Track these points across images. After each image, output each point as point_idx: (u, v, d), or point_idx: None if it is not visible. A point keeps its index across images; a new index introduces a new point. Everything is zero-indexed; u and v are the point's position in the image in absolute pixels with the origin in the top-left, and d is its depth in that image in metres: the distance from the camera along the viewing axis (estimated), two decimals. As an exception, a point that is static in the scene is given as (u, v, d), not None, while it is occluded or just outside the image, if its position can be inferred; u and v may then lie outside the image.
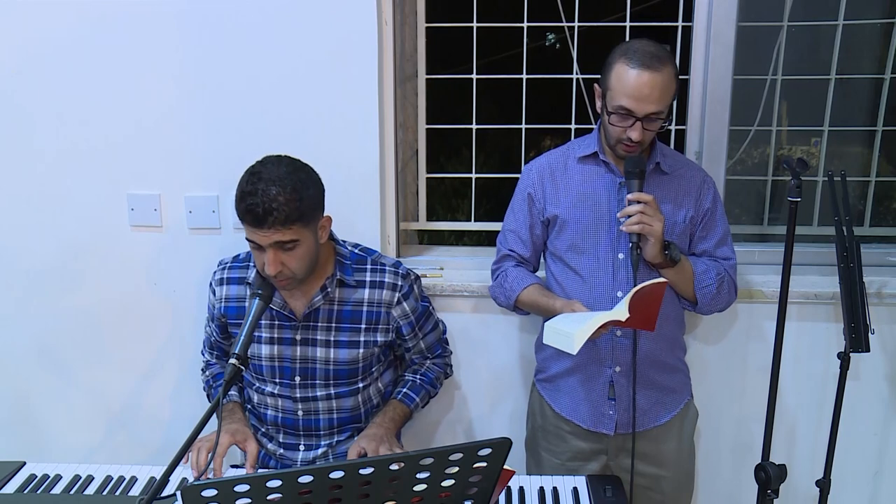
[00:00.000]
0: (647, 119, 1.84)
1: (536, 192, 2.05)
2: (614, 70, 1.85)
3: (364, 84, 2.23)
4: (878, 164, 2.49)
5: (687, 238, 2.03)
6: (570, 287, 2.02)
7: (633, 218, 1.85)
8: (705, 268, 2.01)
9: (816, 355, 2.36)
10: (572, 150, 2.06)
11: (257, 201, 1.74)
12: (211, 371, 2.19)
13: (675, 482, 2.13)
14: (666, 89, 1.83)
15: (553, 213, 2.03)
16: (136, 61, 2.24)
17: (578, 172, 2.02)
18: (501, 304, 2.17)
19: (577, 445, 2.09)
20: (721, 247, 2.05)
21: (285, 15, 2.19)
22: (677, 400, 2.11)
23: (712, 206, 2.03)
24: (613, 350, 1.99)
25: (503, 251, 2.15)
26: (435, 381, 2.16)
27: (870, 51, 2.49)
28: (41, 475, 1.85)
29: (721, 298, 2.03)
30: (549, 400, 2.15)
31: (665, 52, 1.86)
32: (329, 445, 2.05)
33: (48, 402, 2.53)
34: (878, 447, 2.46)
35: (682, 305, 2.07)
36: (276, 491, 1.25)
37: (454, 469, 1.33)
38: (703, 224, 2.03)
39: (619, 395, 2.01)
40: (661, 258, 1.90)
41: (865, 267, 2.07)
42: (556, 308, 1.96)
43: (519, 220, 2.10)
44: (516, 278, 2.09)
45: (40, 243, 2.39)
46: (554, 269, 2.08)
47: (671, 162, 2.01)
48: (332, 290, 1.97)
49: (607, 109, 1.88)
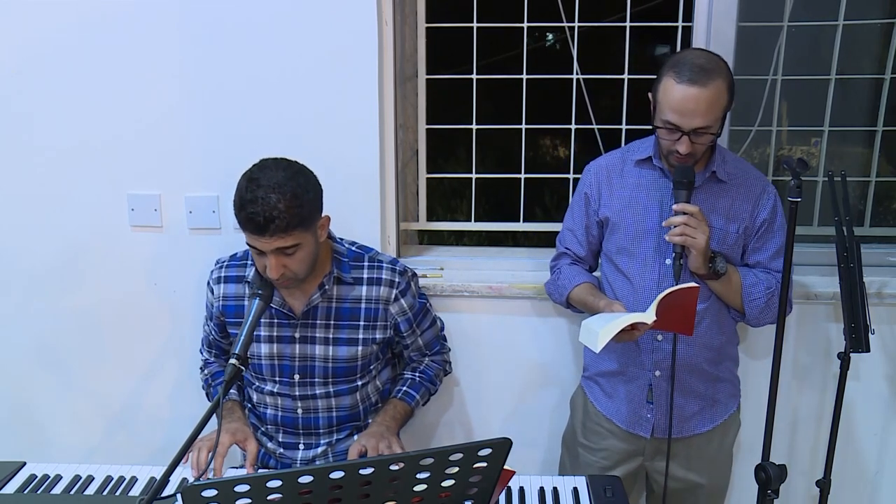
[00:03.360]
0: (694, 133, 1.81)
1: (592, 192, 2.05)
2: (662, 83, 1.83)
3: (364, 84, 2.23)
4: (878, 164, 2.48)
5: (740, 248, 1.98)
6: (618, 289, 2.02)
7: (676, 229, 1.84)
8: (755, 280, 1.96)
9: (816, 355, 2.36)
10: (631, 153, 2.04)
11: (258, 210, 1.73)
12: (209, 370, 2.19)
13: (710, 490, 2.14)
14: (714, 104, 1.79)
15: (605, 214, 2.03)
16: (136, 61, 2.24)
17: (634, 176, 2.01)
18: (555, 300, 2.18)
19: (615, 445, 2.11)
20: (776, 259, 1.98)
21: (285, 15, 2.19)
22: (721, 410, 2.09)
23: (770, 218, 1.97)
24: (654, 354, 1.99)
25: (560, 249, 2.17)
26: (434, 378, 2.16)
27: (870, 51, 2.49)
28: (41, 475, 1.85)
29: (770, 312, 1.97)
30: (591, 397, 2.16)
31: (716, 63, 1.81)
32: (328, 444, 2.05)
33: (48, 402, 2.53)
34: (878, 447, 2.46)
35: (731, 316, 2.04)
36: (277, 491, 1.25)
37: (454, 469, 1.33)
38: (759, 235, 1.97)
39: (657, 399, 2.01)
40: (704, 269, 1.88)
41: (865, 267, 2.06)
42: (599, 308, 1.96)
43: (576, 220, 2.11)
44: (568, 276, 2.11)
45: (40, 243, 2.39)
46: (606, 270, 2.08)
47: (731, 169, 1.96)
48: (330, 288, 1.97)
49: (656, 122, 1.87)
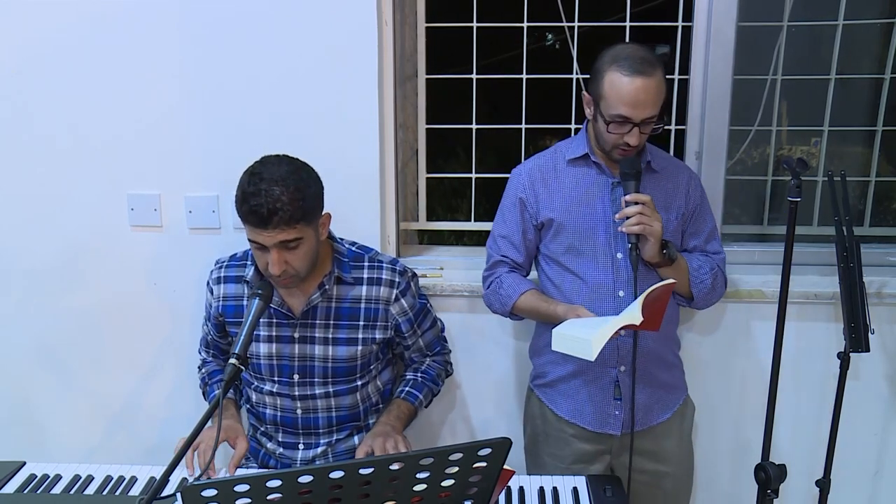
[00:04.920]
0: (643, 123, 1.85)
1: (528, 196, 2.04)
2: (607, 78, 1.84)
3: (364, 84, 2.23)
4: (878, 164, 2.48)
5: (679, 235, 2.05)
6: (568, 289, 2.01)
7: (632, 219, 1.85)
8: (699, 264, 2.04)
9: (816, 355, 2.36)
10: (561, 153, 2.05)
11: (261, 202, 1.74)
12: (207, 369, 2.19)
13: (677, 478, 2.14)
14: (659, 92, 1.85)
15: (547, 216, 2.02)
16: (136, 61, 2.24)
17: (570, 175, 2.02)
18: (496, 311, 2.14)
19: (581, 448, 2.09)
20: (711, 241, 2.09)
21: (285, 15, 2.19)
22: (677, 396, 2.13)
23: (700, 202, 2.07)
24: (618, 350, 1.99)
25: (495, 257, 2.12)
26: (437, 378, 2.16)
27: (870, 51, 2.49)
28: (41, 475, 1.85)
29: (715, 293, 2.08)
30: (549, 405, 2.13)
31: (653, 54, 1.87)
32: (328, 444, 2.05)
33: (48, 402, 2.53)
34: (878, 447, 2.46)
35: (676, 301, 2.09)
36: (276, 491, 1.25)
37: (454, 469, 1.33)
38: (693, 220, 2.06)
39: (625, 395, 2.01)
40: (659, 257, 1.91)
41: (865, 267, 2.07)
42: (557, 313, 1.95)
43: (511, 226, 2.08)
44: (512, 284, 2.07)
45: (40, 243, 2.39)
46: (549, 272, 2.07)
47: (659, 160, 2.03)
48: (330, 288, 1.97)
49: (603, 118, 1.87)
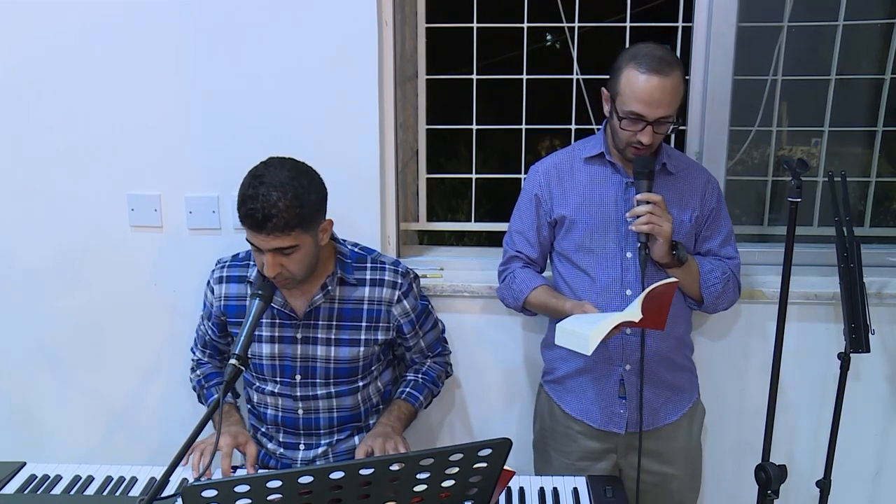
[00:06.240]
0: (657, 123, 1.86)
1: (543, 193, 2.06)
2: (624, 75, 1.85)
3: (364, 84, 2.23)
4: (878, 164, 2.49)
5: (693, 237, 2.05)
6: (578, 287, 2.03)
7: (642, 218, 1.86)
8: (711, 267, 2.03)
9: (816, 355, 2.36)
10: (578, 151, 2.07)
11: (257, 206, 1.74)
12: (202, 370, 2.18)
13: (684, 480, 2.14)
14: (675, 93, 1.85)
15: (561, 213, 2.04)
16: (137, 61, 2.24)
17: (585, 173, 2.03)
18: (510, 305, 2.17)
19: (588, 445, 2.10)
20: (725, 246, 2.08)
21: (285, 15, 2.19)
22: (686, 398, 2.13)
23: (717, 206, 2.06)
24: (623, 349, 2.00)
25: (510, 252, 2.15)
26: (437, 379, 2.16)
27: (870, 51, 2.49)
28: (41, 475, 1.85)
29: (726, 297, 2.06)
30: (557, 401, 2.15)
31: (673, 55, 1.87)
32: (329, 444, 2.05)
33: (48, 402, 2.53)
34: (878, 447, 2.46)
35: (687, 304, 2.09)
36: (277, 491, 1.25)
37: (454, 469, 1.33)
38: (708, 224, 2.05)
39: (629, 394, 2.02)
40: (668, 258, 1.91)
41: (865, 267, 2.07)
42: (565, 309, 1.97)
43: (526, 222, 2.11)
44: (524, 280, 2.10)
45: (41, 243, 2.39)
46: (561, 270, 2.08)
47: (676, 162, 2.03)
48: (332, 289, 1.97)
49: (617, 114, 1.89)
